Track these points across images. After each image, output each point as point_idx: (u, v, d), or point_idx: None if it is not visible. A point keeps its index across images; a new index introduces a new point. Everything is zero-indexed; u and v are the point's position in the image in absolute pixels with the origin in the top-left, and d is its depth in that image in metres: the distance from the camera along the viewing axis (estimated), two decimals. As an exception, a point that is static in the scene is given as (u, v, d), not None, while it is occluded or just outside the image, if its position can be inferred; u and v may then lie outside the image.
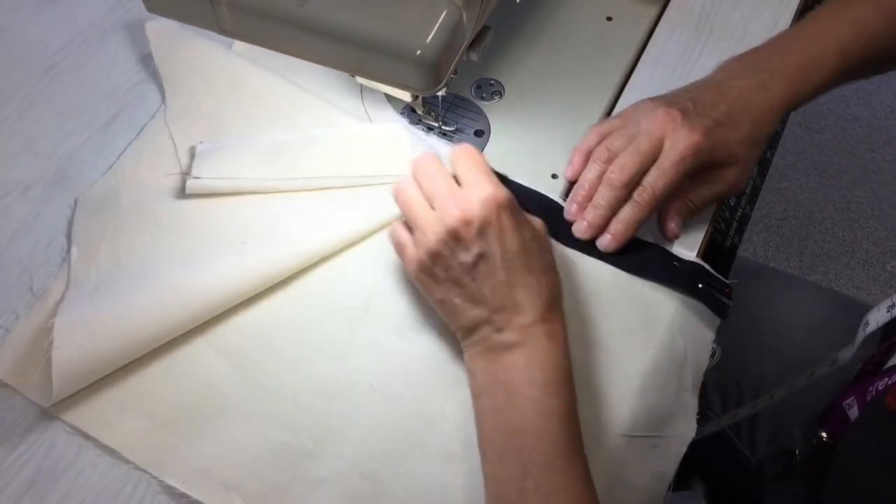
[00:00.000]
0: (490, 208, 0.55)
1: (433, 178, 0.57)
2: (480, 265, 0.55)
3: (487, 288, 0.55)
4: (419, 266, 0.57)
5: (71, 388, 0.58)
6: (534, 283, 0.55)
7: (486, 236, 0.55)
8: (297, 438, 0.58)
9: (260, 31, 0.55)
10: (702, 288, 0.63)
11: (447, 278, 0.56)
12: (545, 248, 0.58)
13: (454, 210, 0.55)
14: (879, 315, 0.65)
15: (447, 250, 0.55)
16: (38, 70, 0.76)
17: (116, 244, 0.65)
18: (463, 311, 0.56)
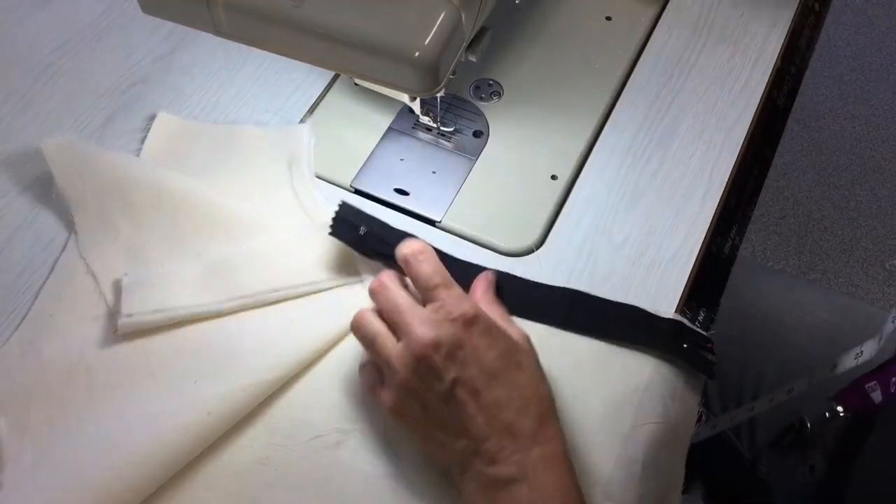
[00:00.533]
0: (458, 328, 0.51)
1: (392, 302, 0.54)
2: (457, 392, 0.50)
3: (469, 416, 0.50)
4: (395, 406, 0.53)
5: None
6: (518, 400, 0.51)
7: (457, 360, 0.50)
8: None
9: (256, 33, 0.55)
10: (687, 347, 0.60)
11: (426, 413, 0.52)
12: (528, 359, 0.54)
13: (419, 335, 0.51)
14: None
15: (419, 383, 0.51)
16: (33, 71, 0.76)
17: (48, 405, 0.58)
18: (449, 445, 0.51)
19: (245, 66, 0.77)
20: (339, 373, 0.60)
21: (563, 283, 0.64)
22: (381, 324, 0.54)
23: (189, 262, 0.63)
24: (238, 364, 0.58)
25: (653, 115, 0.73)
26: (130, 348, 0.60)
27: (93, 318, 0.62)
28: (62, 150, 0.67)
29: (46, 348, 0.61)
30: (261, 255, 0.63)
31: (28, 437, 0.57)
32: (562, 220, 0.67)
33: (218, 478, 0.56)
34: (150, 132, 0.71)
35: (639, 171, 0.70)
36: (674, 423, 0.58)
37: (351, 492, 0.56)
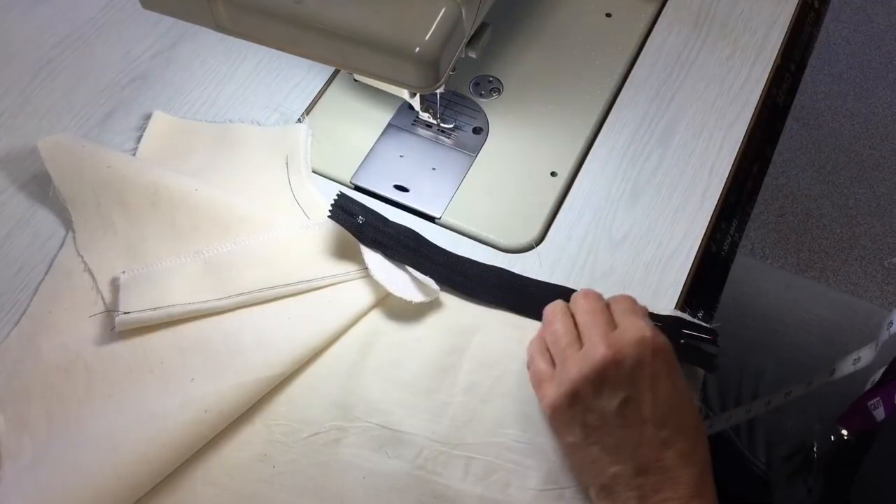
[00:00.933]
0: (644, 351, 0.50)
1: (590, 312, 0.54)
2: (627, 412, 0.50)
3: (632, 441, 0.49)
4: (557, 403, 0.52)
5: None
6: (686, 446, 0.49)
7: (635, 380, 0.50)
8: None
9: (257, 29, 0.55)
10: (684, 343, 0.60)
11: (586, 422, 0.51)
12: (690, 397, 0.52)
13: (603, 347, 0.51)
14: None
15: (590, 390, 0.50)
16: (33, 67, 0.76)
17: (47, 402, 0.58)
18: (600, 464, 0.50)
19: (245, 63, 0.76)
20: (338, 369, 0.60)
21: (563, 280, 0.64)
22: (571, 326, 0.55)
23: (187, 260, 0.63)
24: (236, 361, 0.58)
25: (652, 112, 0.73)
26: (129, 346, 0.60)
27: (90, 315, 0.62)
28: (58, 148, 0.67)
29: (45, 346, 0.61)
30: (258, 253, 0.63)
31: (27, 433, 0.57)
32: (561, 217, 0.68)
33: (216, 474, 0.56)
34: (146, 131, 0.71)
35: (639, 167, 0.70)
36: None
37: (349, 488, 0.56)
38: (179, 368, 0.59)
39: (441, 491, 0.56)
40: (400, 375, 0.60)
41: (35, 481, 0.54)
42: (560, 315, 0.56)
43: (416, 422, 0.58)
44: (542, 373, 0.55)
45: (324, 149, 0.71)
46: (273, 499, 0.56)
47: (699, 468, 0.49)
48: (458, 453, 0.57)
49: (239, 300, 0.61)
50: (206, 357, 0.59)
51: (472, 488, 0.56)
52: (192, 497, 0.55)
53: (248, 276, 0.62)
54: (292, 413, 0.58)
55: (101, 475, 0.53)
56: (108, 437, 0.55)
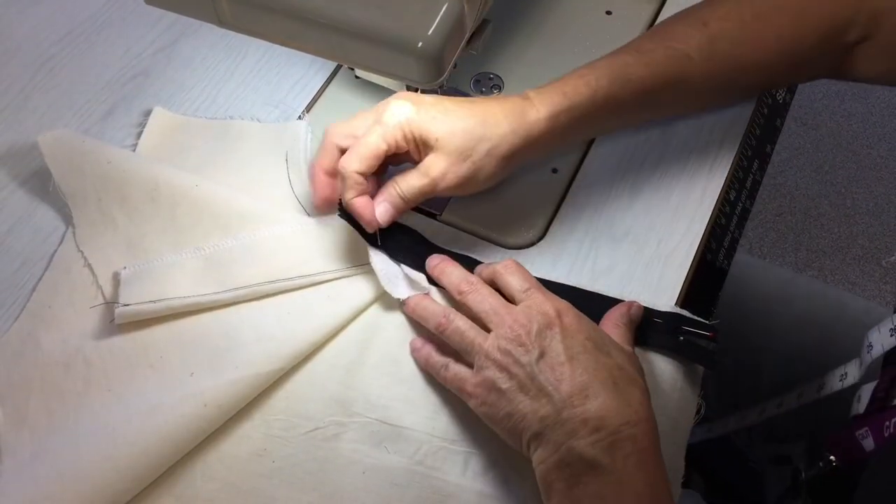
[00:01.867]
0: (549, 315, 0.53)
1: (483, 298, 0.56)
2: (544, 361, 0.52)
3: (553, 380, 0.51)
4: (484, 386, 0.53)
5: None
6: (605, 374, 0.51)
7: (546, 336, 0.53)
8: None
9: (259, 24, 0.55)
10: (683, 340, 0.60)
11: (510, 388, 0.52)
12: (620, 353, 0.54)
13: (512, 320, 0.54)
14: (882, 338, 0.63)
15: (508, 359, 0.53)
16: (33, 64, 0.76)
17: (46, 396, 0.58)
18: (531, 413, 0.51)
19: (246, 59, 0.77)
20: (337, 365, 0.60)
21: (564, 277, 0.64)
22: (467, 321, 0.56)
23: (187, 256, 0.63)
24: (236, 356, 0.59)
25: (653, 110, 0.73)
26: (128, 340, 0.60)
27: (90, 310, 0.62)
28: (59, 144, 0.67)
29: (45, 340, 0.61)
30: (258, 248, 0.63)
31: (27, 427, 0.57)
32: (562, 214, 0.68)
33: (216, 469, 0.56)
34: (145, 128, 0.71)
35: (639, 165, 0.70)
36: (674, 415, 0.58)
37: (348, 483, 0.56)
38: (179, 363, 0.59)
39: (440, 486, 0.56)
40: (399, 371, 0.60)
41: (34, 475, 0.54)
42: (453, 314, 0.57)
43: (415, 417, 0.58)
44: (460, 375, 0.56)
45: (325, 145, 0.71)
46: (272, 493, 0.56)
47: (623, 400, 0.50)
48: (457, 449, 0.57)
49: (239, 294, 0.61)
50: (206, 352, 0.60)
51: (471, 484, 0.56)
52: (192, 491, 0.56)
53: (248, 271, 0.62)
54: (291, 408, 0.59)
55: (100, 469, 0.53)
56: (107, 431, 0.55)
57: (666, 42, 0.64)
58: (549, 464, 0.50)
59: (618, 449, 0.49)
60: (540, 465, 0.51)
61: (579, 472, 0.49)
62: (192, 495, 0.55)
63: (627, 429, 0.49)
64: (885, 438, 0.60)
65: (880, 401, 0.64)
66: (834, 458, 0.66)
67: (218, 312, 0.62)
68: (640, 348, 0.60)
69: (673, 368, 0.60)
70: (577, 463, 0.49)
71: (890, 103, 1.96)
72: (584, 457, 0.49)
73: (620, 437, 0.49)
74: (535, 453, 0.51)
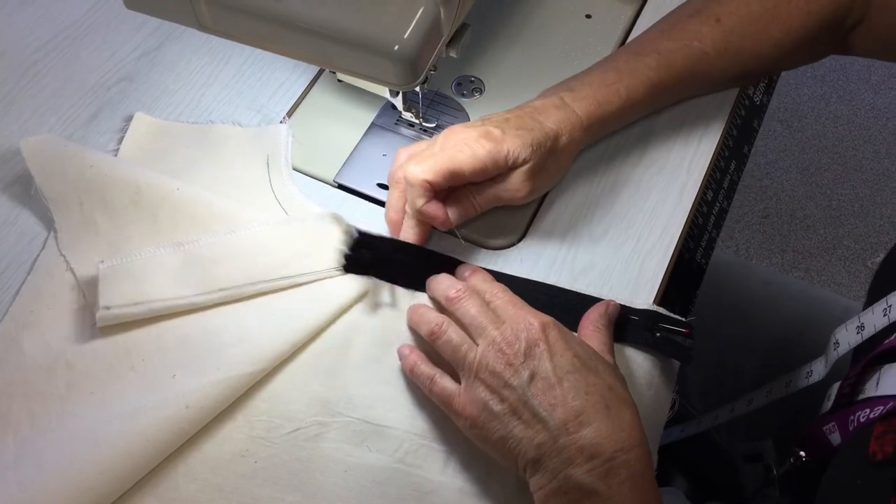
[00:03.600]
0: (533, 331, 0.54)
1: (470, 313, 0.57)
2: (535, 385, 0.52)
3: (546, 405, 0.51)
4: (474, 405, 0.54)
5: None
6: (597, 397, 0.52)
7: (534, 356, 0.53)
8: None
9: (239, 28, 0.56)
10: (659, 337, 0.61)
11: (502, 411, 0.52)
12: (607, 370, 0.55)
13: (497, 335, 0.54)
14: (849, 336, 0.65)
15: (497, 380, 0.53)
16: (19, 68, 0.76)
17: (29, 400, 0.58)
18: (526, 439, 0.51)
19: (229, 64, 0.77)
20: (319, 365, 0.61)
21: (544, 277, 0.65)
22: (460, 333, 0.57)
23: (167, 251, 0.63)
24: (217, 357, 0.59)
25: (632, 111, 0.74)
26: (110, 343, 0.61)
27: (72, 314, 0.62)
28: (41, 148, 0.67)
29: (27, 344, 0.61)
30: (239, 249, 0.63)
31: (10, 431, 0.57)
32: (542, 214, 0.68)
33: (198, 470, 0.57)
34: (127, 133, 0.72)
35: (618, 164, 0.71)
36: (649, 410, 0.59)
37: (330, 482, 0.57)
38: (161, 365, 0.60)
39: (421, 483, 0.56)
40: (381, 370, 0.61)
41: (18, 479, 0.54)
42: (447, 324, 0.58)
43: (396, 416, 0.59)
44: (448, 390, 0.56)
45: (308, 148, 0.72)
46: (255, 494, 0.56)
47: (615, 423, 0.51)
48: (437, 446, 0.58)
49: (220, 296, 0.62)
50: (188, 353, 0.60)
51: (451, 481, 0.57)
52: (175, 493, 0.56)
53: (229, 271, 0.62)
54: (274, 409, 0.59)
55: (83, 472, 0.53)
56: (90, 433, 0.55)
57: (684, 41, 0.68)
58: (548, 490, 0.51)
59: (613, 476, 0.50)
60: (538, 490, 0.52)
61: (577, 498, 0.50)
62: (174, 497, 0.56)
63: (622, 455, 0.50)
64: (850, 432, 0.61)
65: (846, 396, 0.65)
66: (804, 453, 0.67)
67: (199, 314, 0.62)
68: (617, 344, 0.61)
69: (649, 365, 0.61)
70: (573, 490, 0.50)
71: (874, 106, 1.98)
72: (581, 485, 0.50)
73: (615, 465, 0.50)
74: (533, 479, 0.52)
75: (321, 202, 0.69)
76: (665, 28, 0.70)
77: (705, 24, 0.69)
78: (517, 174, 0.63)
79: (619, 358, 0.60)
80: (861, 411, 0.61)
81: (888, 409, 0.57)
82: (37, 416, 0.58)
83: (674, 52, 0.68)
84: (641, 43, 0.70)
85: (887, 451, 0.53)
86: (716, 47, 0.68)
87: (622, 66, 0.68)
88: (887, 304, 0.62)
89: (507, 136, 0.62)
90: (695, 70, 0.69)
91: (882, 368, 0.62)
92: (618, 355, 0.60)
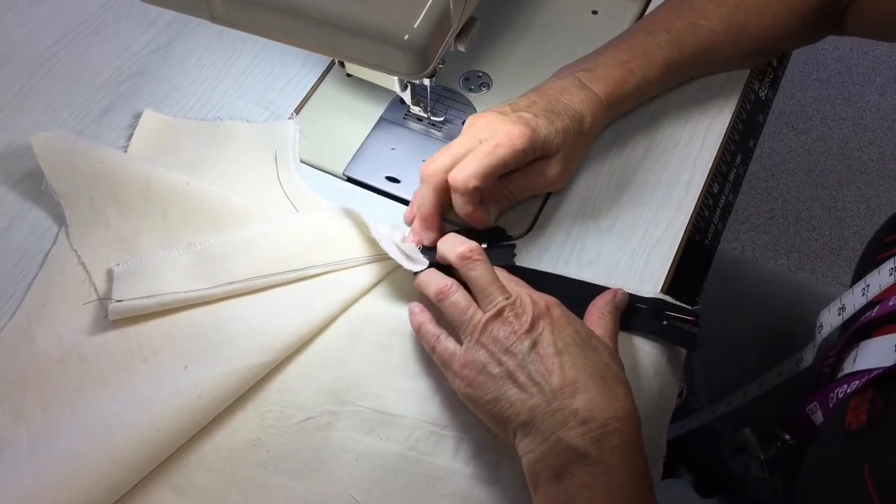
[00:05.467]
0: (539, 308, 0.55)
1: (485, 273, 0.57)
2: (535, 352, 0.53)
3: (543, 370, 0.52)
4: (472, 367, 0.55)
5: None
6: (594, 369, 0.53)
7: (537, 328, 0.54)
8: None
9: (250, 19, 0.56)
10: (666, 324, 0.62)
11: (499, 374, 0.53)
12: (606, 350, 0.56)
13: (504, 302, 0.55)
14: (832, 317, 0.65)
15: (499, 347, 0.54)
16: (32, 64, 0.77)
17: (42, 392, 0.59)
18: (519, 402, 0.52)
19: (239, 59, 0.78)
20: (329, 355, 0.61)
21: (551, 268, 0.65)
22: (470, 299, 0.57)
23: (179, 252, 0.64)
24: (228, 349, 0.59)
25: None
26: (122, 335, 0.61)
27: (84, 307, 0.63)
28: (51, 144, 0.68)
29: (40, 337, 0.62)
30: (249, 243, 0.64)
31: (23, 423, 0.58)
32: (549, 206, 0.69)
33: (211, 460, 0.57)
34: (136, 130, 0.72)
35: (625, 158, 0.71)
36: (656, 398, 0.59)
37: (342, 470, 0.57)
38: (172, 357, 0.60)
39: (432, 471, 0.57)
40: (390, 359, 0.61)
41: (32, 468, 0.55)
42: (455, 286, 0.58)
43: (406, 404, 0.59)
44: (450, 351, 0.57)
45: (317, 142, 0.73)
46: (267, 482, 0.57)
47: (609, 395, 0.52)
48: (448, 433, 0.58)
49: (230, 289, 0.62)
50: (199, 345, 0.60)
51: (462, 467, 0.57)
52: (188, 482, 0.56)
53: (239, 265, 0.63)
54: (284, 399, 0.60)
55: (97, 461, 0.54)
56: (103, 424, 0.56)
57: (692, 19, 0.70)
58: (538, 453, 0.51)
59: (605, 441, 0.50)
60: (528, 454, 0.52)
61: (567, 462, 0.50)
62: (188, 485, 0.56)
63: (614, 423, 0.51)
64: (830, 409, 0.62)
65: (827, 376, 0.66)
66: (788, 436, 0.68)
67: (210, 307, 0.63)
68: (624, 332, 0.61)
69: (656, 353, 0.61)
70: (565, 453, 0.50)
71: (879, 107, 1.98)
72: (573, 447, 0.50)
73: (608, 431, 0.50)
74: (522, 442, 0.53)
75: (331, 195, 0.69)
76: (673, 7, 0.72)
77: (710, 2, 0.70)
78: (553, 162, 0.64)
79: (626, 347, 0.61)
80: (839, 388, 0.61)
81: (863, 383, 0.58)
82: (50, 408, 0.59)
83: (682, 31, 0.70)
84: (652, 21, 0.71)
85: (862, 421, 0.54)
86: (722, 24, 0.70)
87: (635, 45, 0.69)
88: (865, 284, 0.63)
89: (541, 122, 0.62)
90: (704, 48, 0.70)
91: (859, 345, 0.63)
92: (625, 344, 0.60)
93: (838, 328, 0.66)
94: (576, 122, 0.64)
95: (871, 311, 0.62)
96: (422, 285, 0.61)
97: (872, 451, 0.52)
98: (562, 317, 0.55)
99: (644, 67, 0.68)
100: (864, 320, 0.62)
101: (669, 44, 0.69)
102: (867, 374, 0.58)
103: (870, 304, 0.63)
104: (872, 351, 0.60)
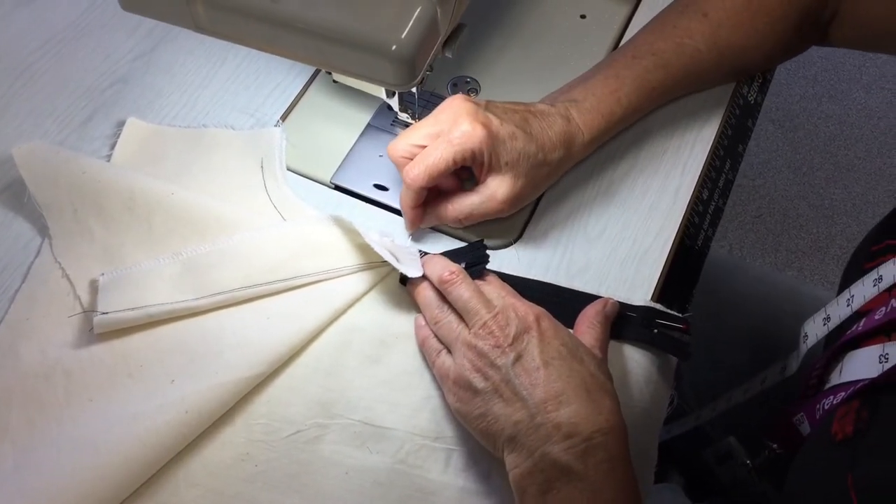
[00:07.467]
0: (527, 320, 0.55)
1: (464, 291, 0.58)
2: (519, 365, 0.53)
3: (527, 384, 0.52)
4: (459, 384, 0.55)
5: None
6: (578, 382, 0.52)
7: (522, 341, 0.54)
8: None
9: (235, 29, 0.56)
10: (657, 333, 0.62)
11: (485, 389, 0.54)
12: (593, 361, 0.55)
13: (489, 318, 0.55)
14: (817, 328, 0.66)
15: (485, 362, 0.54)
16: (13, 71, 0.76)
17: (27, 408, 0.58)
18: (504, 416, 0.52)
19: (224, 66, 0.77)
20: (318, 367, 0.61)
21: (540, 277, 0.65)
22: (454, 317, 0.58)
23: (165, 261, 0.63)
24: (216, 362, 0.59)
25: (627, 112, 0.74)
26: (107, 349, 0.60)
27: (68, 320, 0.62)
28: (33, 155, 0.67)
29: (24, 352, 0.61)
30: (236, 252, 0.63)
31: (8, 439, 0.57)
32: (538, 215, 0.69)
33: (199, 475, 0.56)
34: (119, 138, 0.71)
35: (614, 166, 0.71)
36: (647, 407, 0.59)
37: (331, 485, 0.57)
38: (159, 370, 0.59)
39: (423, 484, 0.57)
40: (379, 372, 0.61)
41: (18, 485, 0.54)
42: (448, 308, 0.59)
43: (396, 417, 0.59)
44: (447, 367, 0.57)
45: (304, 149, 0.72)
46: (256, 497, 0.56)
47: (594, 407, 0.51)
48: (438, 446, 0.58)
49: (217, 299, 0.62)
50: (186, 358, 0.60)
51: (453, 480, 0.57)
52: (175, 498, 0.56)
53: (226, 275, 0.62)
54: (273, 412, 0.59)
55: (83, 478, 0.53)
56: (89, 440, 0.55)
57: (676, 39, 0.69)
58: (523, 469, 0.51)
59: (590, 456, 0.50)
60: (514, 469, 0.52)
61: (552, 477, 0.50)
62: (175, 502, 0.56)
63: (599, 436, 0.50)
64: (817, 420, 0.62)
65: (814, 387, 0.66)
66: (776, 445, 0.68)
67: (196, 319, 0.62)
68: (615, 341, 0.61)
69: (647, 361, 0.61)
70: (550, 469, 0.50)
71: (866, 105, 1.99)
72: (557, 462, 0.50)
73: (593, 445, 0.50)
74: (509, 457, 0.52)
75: (318, 203, 0.69)
76: (656, 28, 0.71)
77: (693, 21, 0.70)
78: (501, 180, 0.63)
79: (616, 356, 0.60)
80: (826, 399, 0.62)
81: (849, 394, 0.58)
82: (36, 424, 0.58)
83: (668, 52, 0.69)
84: (636, 45, 0.70)
85: (847, 431, 0.54)
86: (706, 43, 0.70)
87: (622, 72, 0.68)
88: (850, 295, 0.63)
89: (504, 131, 0.61)
90: (689, 68, 0.70)
91: (845, 357, 0.63)
92: (615, 353, 0.60)
93: (823, 339, 0.66)
94: (540, 151, 0.63)
95: (858, 325, 0.62)
96: (421, 307, 0.61)
97: (857, 460, 0.52)
98: (549, 328, 0.55)
99: (631, 94, 0.68)
100: (850, 335, 0.63)
101: (656, 66, 0.69)
102: (853, 386, 0.58)
103: (855, 315, 0.63)
104: (858, 362, 0.61)
